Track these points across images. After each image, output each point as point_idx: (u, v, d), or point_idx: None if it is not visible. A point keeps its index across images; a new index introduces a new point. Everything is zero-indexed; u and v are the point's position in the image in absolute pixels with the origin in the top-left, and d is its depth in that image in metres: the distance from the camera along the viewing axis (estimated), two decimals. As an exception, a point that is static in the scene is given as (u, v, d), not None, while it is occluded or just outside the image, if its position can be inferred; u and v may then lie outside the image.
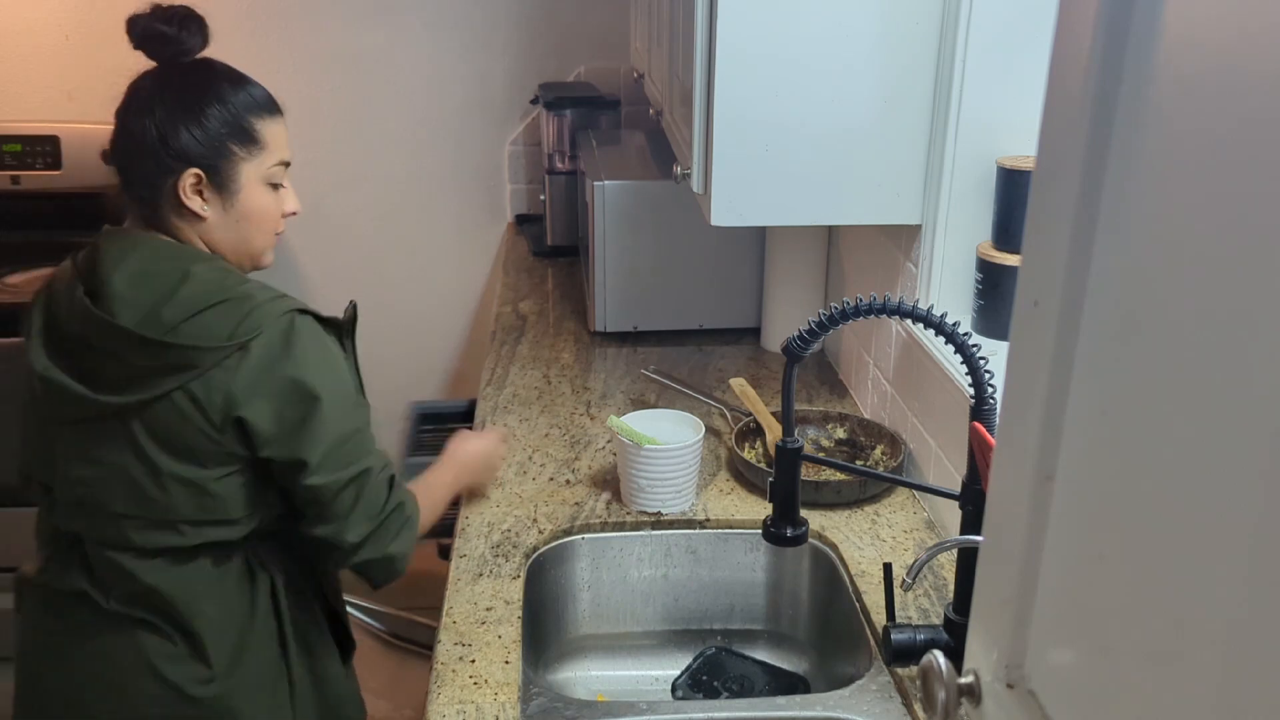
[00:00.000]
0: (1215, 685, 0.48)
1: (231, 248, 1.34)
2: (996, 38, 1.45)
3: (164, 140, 1.26)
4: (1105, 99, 0.56)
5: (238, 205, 1.31)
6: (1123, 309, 0.56)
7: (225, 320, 1.23)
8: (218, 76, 1.31)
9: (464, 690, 1.23)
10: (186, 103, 1.27)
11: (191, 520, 1.29)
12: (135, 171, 1.29)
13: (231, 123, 1.29)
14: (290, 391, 1.24)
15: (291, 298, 1.30)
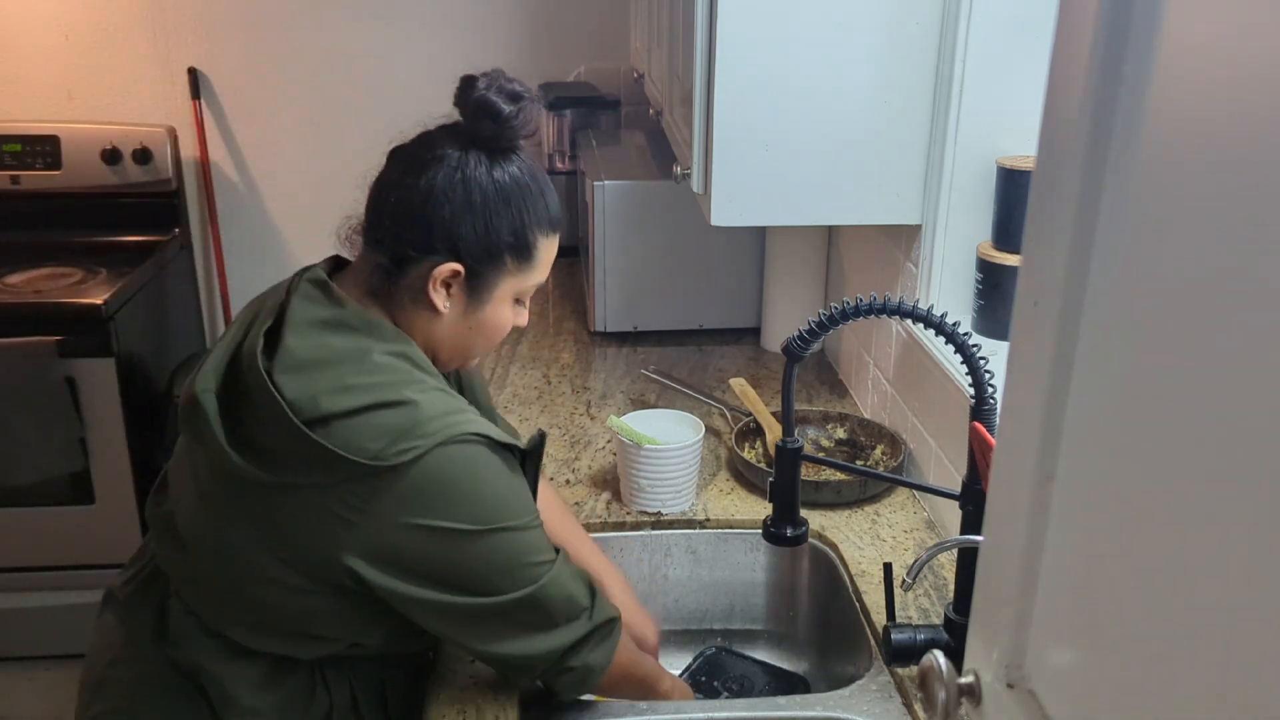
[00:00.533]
0: (1215, 685, 0.48)
1: (449, 348, 1.18)
2: (996, 38, 1.45)
3: (444, 221, 1.10)
4: (1105, 99, 0.56)
5: (481, 314, 1.15)
6: (1123, 309, 0.56)
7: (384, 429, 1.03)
8: (526, 176, 1.14)
9: (464, 690, 1.23)
10: (486, 193, 1.11)
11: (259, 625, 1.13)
12: (392, 232, 1.12)
13: (518, 233, 1.13)
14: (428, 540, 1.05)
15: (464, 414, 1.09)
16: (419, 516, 1.03)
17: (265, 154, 3.01)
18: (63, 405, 2.47)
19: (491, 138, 1.12)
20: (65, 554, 2.66)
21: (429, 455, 1.03)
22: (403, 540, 1.04)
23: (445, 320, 1.14)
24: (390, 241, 1.12)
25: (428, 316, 1.13)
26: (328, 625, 1.13)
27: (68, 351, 2.45)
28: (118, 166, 2.85)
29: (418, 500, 1.03)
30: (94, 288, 2.56)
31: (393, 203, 1.12)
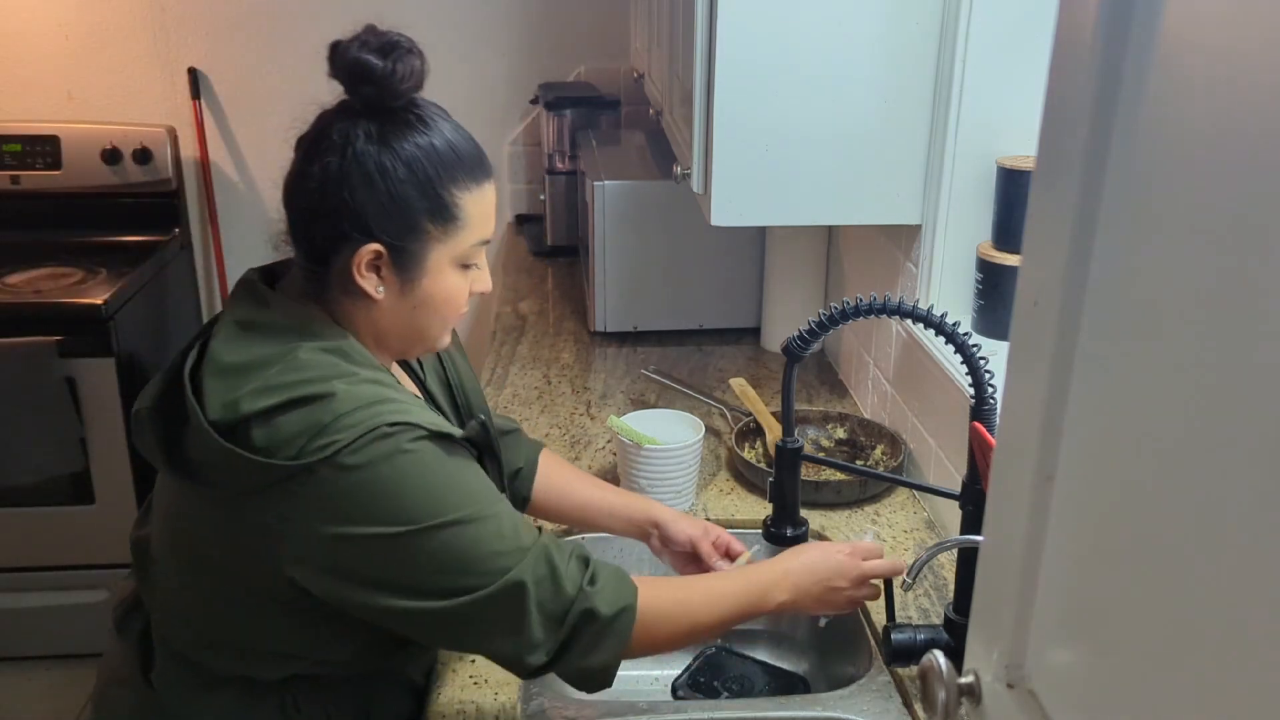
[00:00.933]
0: (1215, 685, 0.48)
1: (400, 333, 1.10)
2: (996, 38, 1.45)
3: (346, 204, 1.02)
4: (1105, 99, 0.56)
5: (419, 289, 1.07)
6: (1123, 309, 0.56)
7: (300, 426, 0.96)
8: (423, 130, 1.04)
9: (464, 690, 1.23)
10: (382, 161, 1.02)
11: (220, 647, 1.08)
12: (304, 228, 1.07)
13: (430, 194, 1.03)
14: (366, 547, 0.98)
15: (392, 403, 1.00)
16: (348, 520, 0.96)
17: (265, 154, 3.01)
18: (63, 405, 2.47)
19: (375, 100, 1.04)
20: (65, 554, 2.66)
21: (349, 449, 0.95)
22: (338, 545, 0.97)
23: (385, 305, 1.07)
24: (304, 238, 1.07)
25: (366, 305, 1.06)
26: (288, 642, 1.07)
27: (68, 351, 2.45)
28: (118, 166, 2.85)
29: (344, 500, 0.96)
30: (94, 288, 2.56)
31: (297, 197, 1.07)
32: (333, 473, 0.95)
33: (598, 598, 1.05)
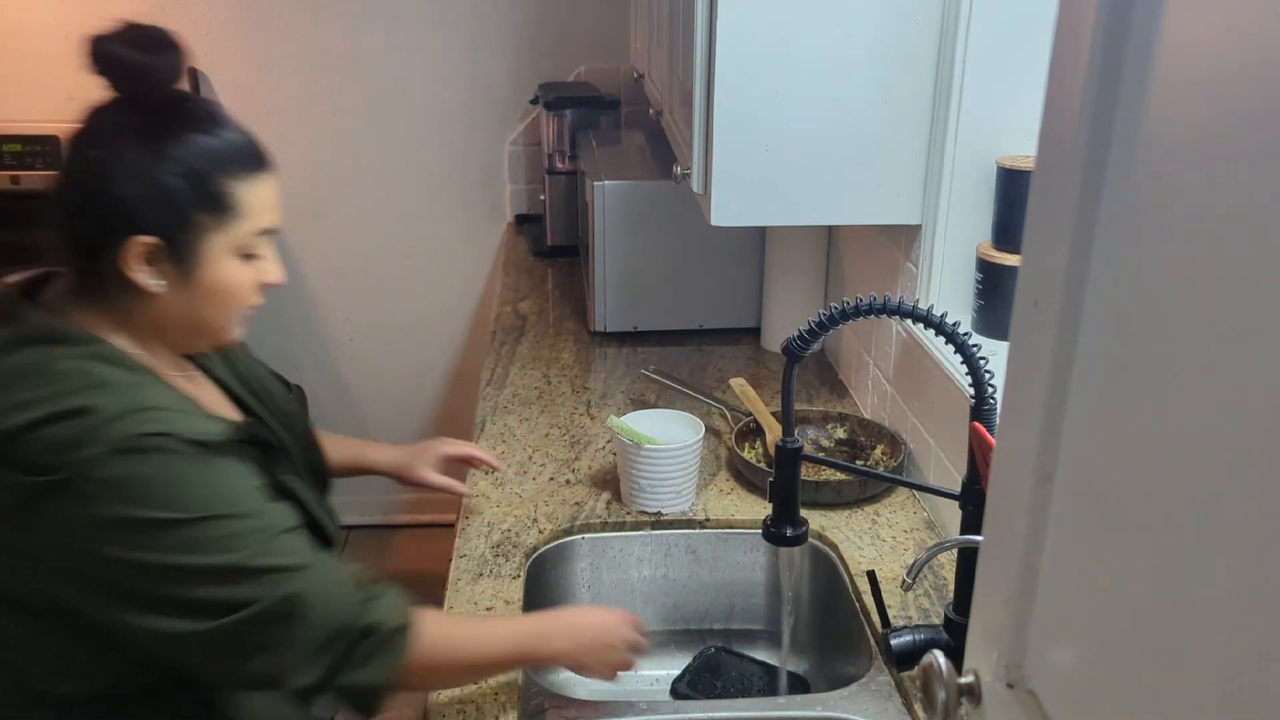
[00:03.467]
0: (1215, 685, 0.48)
1: (183, 327, 1.09)
2: (996, 38, 1.45)
3: (111, 199, 1.01)
4: (1105, 99, 0.56)
5: (198, 281, 1.05)
6: (1123, 309, 0.56)
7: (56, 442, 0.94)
8: (188, 121, 1.04)
9: (464, 690, 1.23)
10: (145, 153, 1.01)
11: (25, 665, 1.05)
12: (70, 226, 1.05)
13: (198, 185, 1.02)
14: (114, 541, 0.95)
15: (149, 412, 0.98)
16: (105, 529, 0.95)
17: (265, 154, 3.01)
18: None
19: (136, 94, 1.04)
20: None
21: (107, 459, 0.94)
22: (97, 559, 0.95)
23: (166, 298, 1.05)
24: (71, 236, 1.06)
25: (145, 300, 1.05)
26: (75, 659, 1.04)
27: (68, 351, 2.45)
28: (118, 166, 2.85)
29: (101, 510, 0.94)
30: (94, 288, 2.56)
31: (64, 193, 1.06)
32: (87, 485, 0.94)
33: (375, 614, 1.04)
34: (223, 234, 1.05)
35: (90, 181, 1.03)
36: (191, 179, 1.03)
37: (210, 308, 1.08)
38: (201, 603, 0.98)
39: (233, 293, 1.08)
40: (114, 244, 1.02)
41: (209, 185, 1.04)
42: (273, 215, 1.10)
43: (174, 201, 1.02)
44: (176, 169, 1.02)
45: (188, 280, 1.05)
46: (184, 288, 1.06)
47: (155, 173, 1.02)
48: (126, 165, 1.02)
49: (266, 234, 1.10)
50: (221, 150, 1.05)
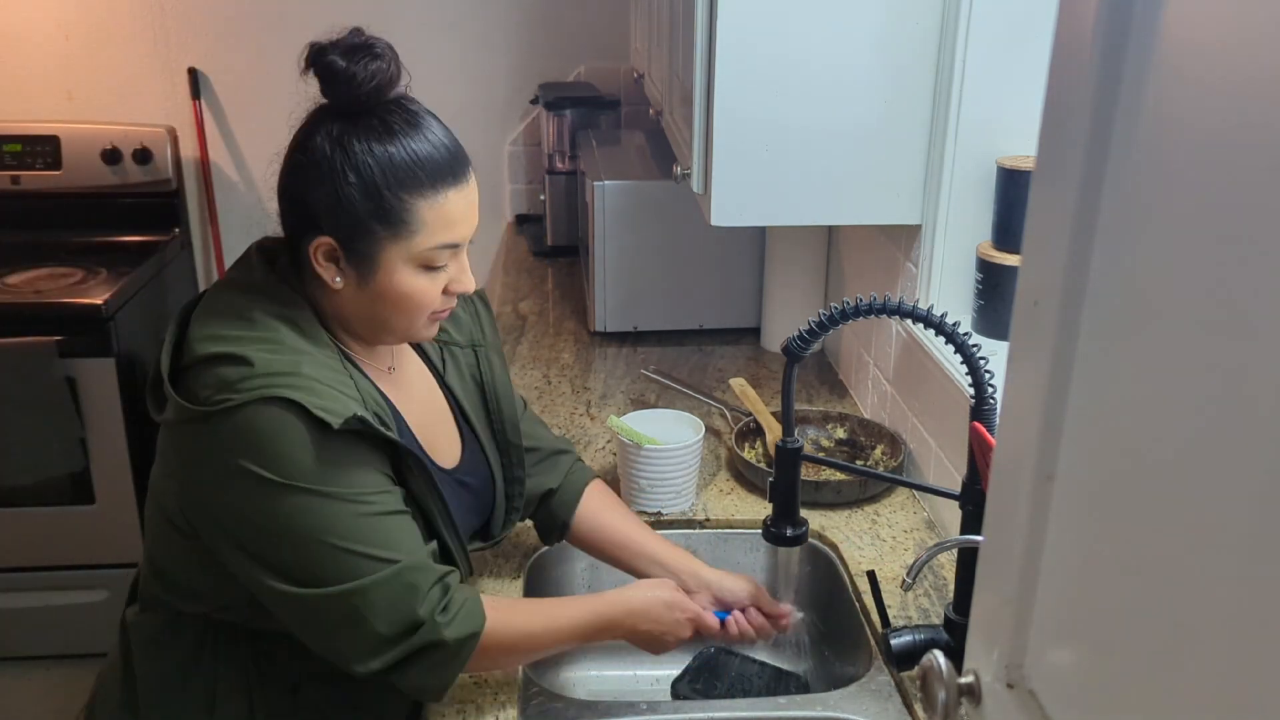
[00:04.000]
0: (1215, 685, 0.48)
1: (364, 321, 1.15)
2: (996, 38, 1.45)
3: (302, 198, 1.09)
4: (1105, 99, 0.56)
5: (375, 284, 1.11)
6: (1123, 309, 0.56)
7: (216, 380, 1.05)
8: (381, 134, 1.07)
9: (464, 690, 1.23)
10: (334, 162, 1.07)
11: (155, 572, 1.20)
12: (279, 212, 1.14)
13: (376, 197, 1.06)
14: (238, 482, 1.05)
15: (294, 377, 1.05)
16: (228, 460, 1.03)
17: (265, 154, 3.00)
18: (63, 405, 2.47)
19: (344, 102, 1.08)
20: (65, 554, 2.66)
21: (241, 409, 1.03)
22: (221, 483, 1.05)
23: (345, 294, 1.12)
24: (282, 222, 1.15)
25: (328, 290, 1.13)
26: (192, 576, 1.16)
27: (68, 351, 2.45)
28: (118, 166, 2.85)
29: (226, 445, 1.04)
30: (94, 288, 2.56)
31: (279, 183, 1.13)
32: (223, 424, 1.03)
33: (447, 629, 1.09)
34: (399, 246, 1.09)
35: (291, 179, 1.11)
36: (369, 191, 1.06)
37: (389, 309, 1.13)
38: (286, 565, 1.06)
39: (409, 298, 1.12)
40: (305, 238, 1.10)
41: (386, 199, 1.07)
42: (456, 231, 1.11)
43: (353, 211, 1.07)
44: (358, 182, 1.06)
45: (365, 282, 1.11)
46: (362, 288, 1.11)
47: (339, 181, 1.07)
48: (317, 170, 1.07)
49: (451, 247, 1.12)
50: (406, 166, 1.07)
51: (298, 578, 1.06)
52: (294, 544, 1.05)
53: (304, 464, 1.04)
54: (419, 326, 1.16)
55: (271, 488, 1.04)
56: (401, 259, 1.09)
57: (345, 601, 1.05)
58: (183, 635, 1.20)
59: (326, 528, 1.05)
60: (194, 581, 1.17)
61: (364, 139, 1.07)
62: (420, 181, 1.08)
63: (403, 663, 1.08)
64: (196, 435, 1.06)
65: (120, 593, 1.34)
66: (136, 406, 2.58)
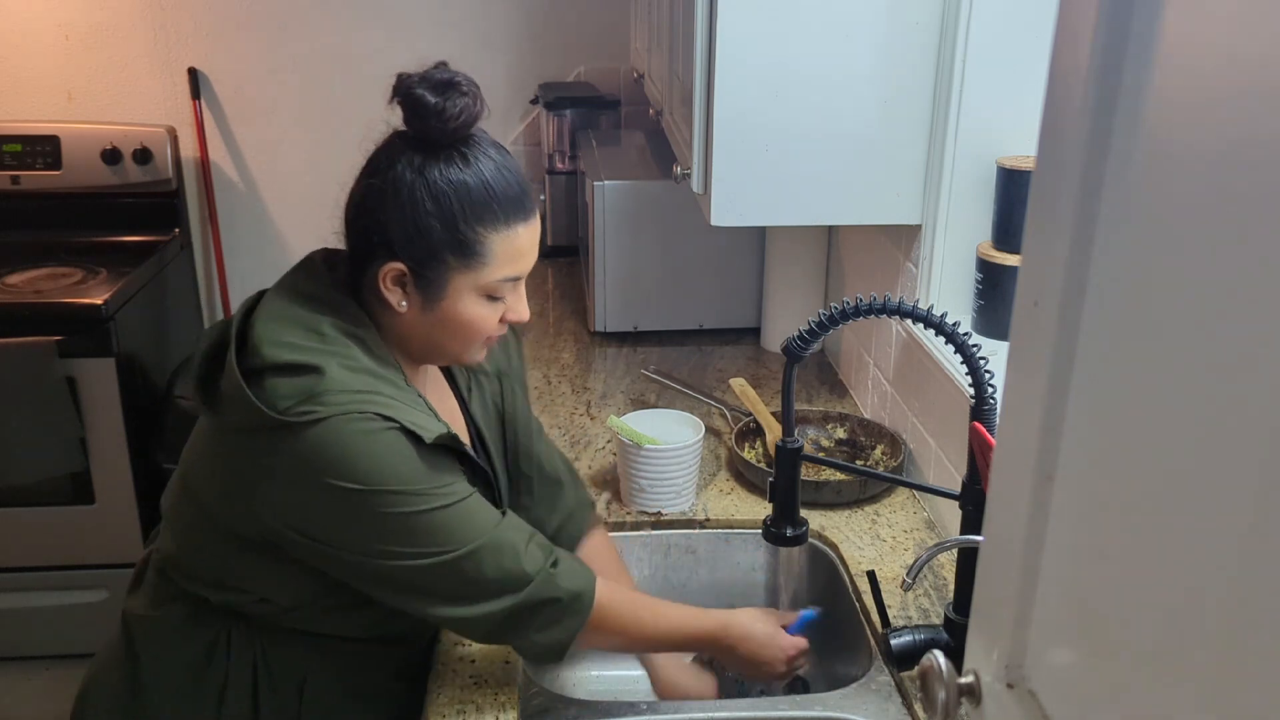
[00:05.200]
0: (1215, 685, 0.48)
1: (421, 343, 1.18)
2: (996, 38, 1.45)
3: (378, 222, 1.11)
4: (1105, 99, 0.56)
5: (439, 310, 1.14)
6: (1123, 309, 0.56)
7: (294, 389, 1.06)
8: (460, 167, 1.10)
9: (464, 690, 1.23)
10: (414, 191, 1.09)
11: (181, 564, 1.21)
12: (348, 233, 1.16)
13: (452, 228, 1.09)
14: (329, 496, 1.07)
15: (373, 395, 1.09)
16: (315, 476, 1.05)
17: (265, 154, 3.01)
18: (63, 405, 2.47)
19: (425, 133, 1.10)
20: (65, 554, 2.66)
21: (325, 422, 1.05)
22: (309, 495, 1.07)
23: (408, 318, 1.15)
24: (348, 240, 1.16)
25: (391, 312, 1.15)
26: (235, 573, 1.17)
27: (68, 351, 2.45)
28: (118, 166, 2.85)
29: (312, 459, 1.05)
30: (94, 288, 2.56)
31: (349, 204, 1.15)
32: (309, 436, 1.05)
33: (559, 580, 1.15)
34: (468, 275, 1.12)
35: (366, 203, 1.12)
36: (446, 222, 1.09)
37: (448, 335, 1.16)
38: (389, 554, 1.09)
39: (470, 325, 1.16)
40: (376, 260, 1.12)
41: (462, 230, 1.10)
42: (521, 264, 1.15)
43: (427, 239, 1.10)
44: (436, 211, 1.09)
45: (431, 308, 1.14)
46: (426, 313, 1.14)
47: (417, 211, 1.09)
48: (397, 197, 1.10)
49: (512, 280, 1.15)
50: (483, 199, 1.10)
51: (404, 559, 1.09)
52: (397, 535, 1.09)
53: (399, 470, 1.07)
54: (472, 351, 1.20)
55: (368, 496, 1.06)
56: (469, 288, 1.13)
57: (455, 567, 1.10)
58: (198, 632, 1.21)
59: (428, 518, 1.09)
60: (229, 575, 1.18)
61: (445, 170, 1.10)
62: (495, 215, 1.11)
63: (519, 620, 1.13)
64: (274, 445, 1.06)
65: (120, 593, 1.33)
66: (136, 406, 2.58)
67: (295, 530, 1.10)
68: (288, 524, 1.09)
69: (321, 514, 1.08)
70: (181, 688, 1.21)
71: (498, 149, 1.14)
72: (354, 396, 1.07)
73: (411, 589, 1.12)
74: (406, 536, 1.09)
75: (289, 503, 1.09)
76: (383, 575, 1.11)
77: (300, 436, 1.05)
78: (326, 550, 1.10)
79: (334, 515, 1.08)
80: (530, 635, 1.15)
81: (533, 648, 1.17)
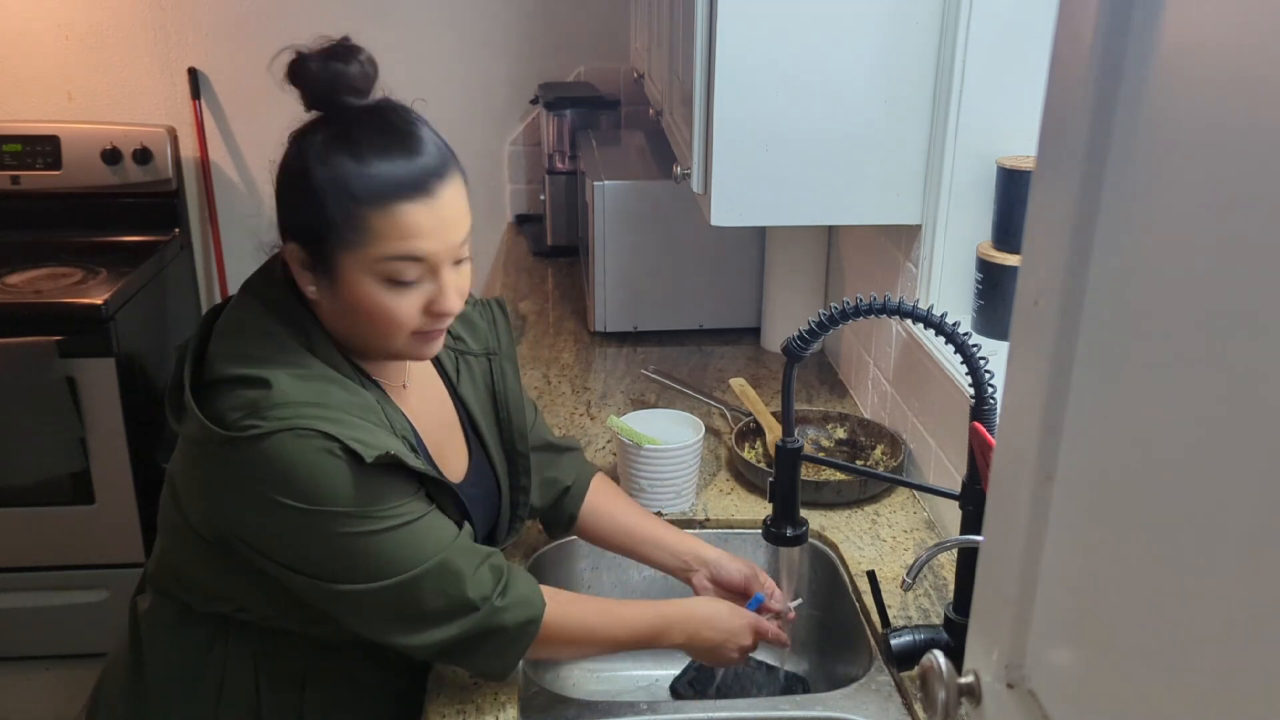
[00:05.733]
0: (1215, 685, 0.48)
1: (345, 334, 1.13)
2: (996, 38, 1.45)
3: (279, 202, 1.10)
4: (1105, 99, 0.56)
5: (340, 295, 1.08)
6: (1123, 309, 0.56)
7: (241, 403, 1.05)
8: (343, 141, 1.06)
9: (464, 690, 1.23)
10: (294, 167, 1.08)
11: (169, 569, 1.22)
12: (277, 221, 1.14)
13: (331, 204, 1.05)
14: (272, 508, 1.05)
15: (319, 408, 1.05)
16: (259, 489, 1.04)
17: (265, 154, 3.00)
18: (63, 405, 2.47)
19: (314, 103, 1.09)
20: (65, 554, 2.66)
21: (269, 438, 1.03)
22: (253, 510, 1.06)
23: (324, 306, 1.11)
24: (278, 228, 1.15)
25: (318, 303, 1.12)
26: (214, 580, 1.17)
27: (68, 351, 2.45)
28: (118, 166, 2.85)
29: (256, 475, 1.04)
30: (94, 288, 2.56)
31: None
32: (252, 451, 1.03)
33: (506, 613, 1.12)
34: (351, 255, 1.06)
35: (276, 185, 1.12)
36: (327, 198, 1.05)
37: (363, 324, 1.10)
38: (332, 574, 1.08)
39: (376, 311, 1.08)
40: (283, 244, 1.12)
41: (340, 206, 1.05)
42: (413, 244, 1.06)
43: (309, 218, 1.07)
44: (316, 185, 1.06)
45: (333, 291, 1.09)
46: (335, 299, 1.10)
47: (301, 185, 1.07)
48: (284, 175, 1.09)
49: (411, 260, 1.06)
50: (356, 172, 1.05)
51: (345, 582, 1.08)
52: (337, 558, 1.07)
53: (338, 492, 1.04)
54: (401, 344, 1.12)
55: (308, 516, 1.04)
56: (359, 270, 1.06)
57: (397, 594, 1.08)
58: (196, 627, 1.21)
59: (368, 542, 1.06)
60: (210, 584, 1.18)
61: (326, 146, 1.06)
62: (369, 189, 1.04)
63: (464, 647, 1.12)
64: (223, 459, 1.05)
65: (120, 593, 1.35)
66: (136, 406, 2.58)
67: (247, 543, 1.09)
68: (241, 539, 1.09)
69: (268, 530, 1.07)
70: (184, 685, 1.22)
71: (407, 122, 1.10)
72: (299, 410, 1.04)
73: (356, 613, 1.10)
74: (347, 560, 1.07)
75: (240, 517, 1.08)
76: (328, 597, 1.09)
77: (244, 451, 1.03)
78: (279, 570, 1.09)
79: (279, 532, 1.07)
80: (475, 662, 1.15)
81: (480, 673, 1.19)
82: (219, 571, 1.15)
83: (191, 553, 1.16)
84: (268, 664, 1.21)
